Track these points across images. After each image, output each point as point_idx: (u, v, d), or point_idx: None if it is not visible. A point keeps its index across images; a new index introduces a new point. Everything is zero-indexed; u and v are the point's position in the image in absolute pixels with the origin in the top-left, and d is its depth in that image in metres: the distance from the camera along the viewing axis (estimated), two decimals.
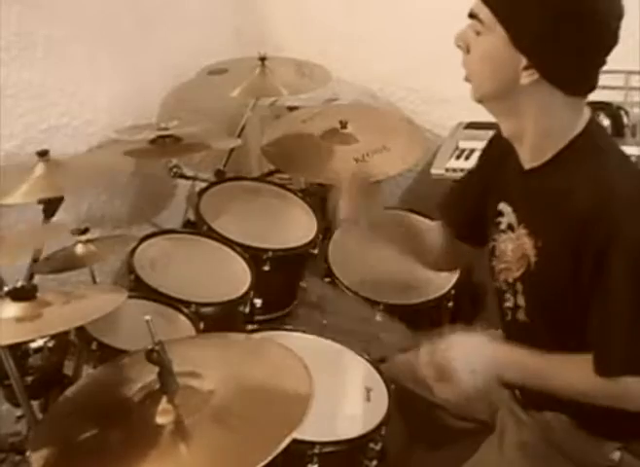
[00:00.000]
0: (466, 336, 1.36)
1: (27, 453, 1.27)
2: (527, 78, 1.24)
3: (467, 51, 1.31)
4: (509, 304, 1.44)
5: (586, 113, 1.32)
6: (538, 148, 1.33)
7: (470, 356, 1.32)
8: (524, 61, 1.24)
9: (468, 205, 1.57)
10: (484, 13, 1.25)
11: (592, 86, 1.29)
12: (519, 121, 1.32)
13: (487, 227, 1.48)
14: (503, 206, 1.42)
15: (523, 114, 1.30)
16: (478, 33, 1.27)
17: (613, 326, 1.26)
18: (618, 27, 1.24)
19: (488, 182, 1.49)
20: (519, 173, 1.38)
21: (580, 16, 1.20)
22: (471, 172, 1.64)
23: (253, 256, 2.17)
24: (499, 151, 1.45)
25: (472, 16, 1.28)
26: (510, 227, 1.40)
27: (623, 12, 1.24)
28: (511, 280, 1.41)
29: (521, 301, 1.40)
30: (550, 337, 1.36)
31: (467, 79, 1.33)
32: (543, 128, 1.30)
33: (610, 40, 1.24)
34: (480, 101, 1.35)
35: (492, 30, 1.25)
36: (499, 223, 1.43)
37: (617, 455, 1.40)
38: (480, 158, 1.60)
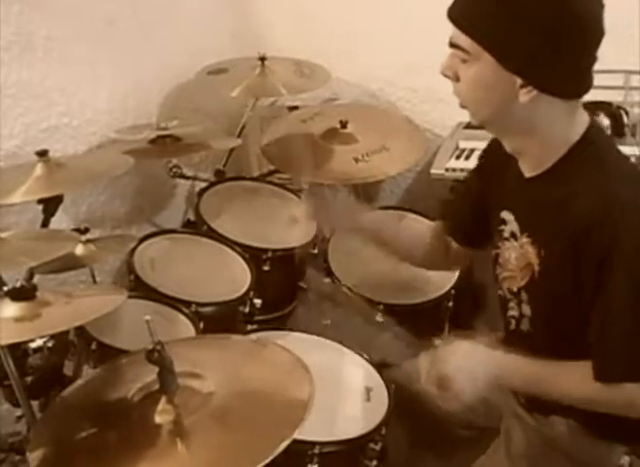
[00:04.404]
0: (465, 344, 1.35)
1: (27, 453, 1.26)
2: (526, 96, 1.22)
3: (456, 79, 1.29)
4: (513, 312, 1.42)
5: (585, 118, 1.31)
6: (540, 158, 1.31)
7: (470, 365, 1.32)
8: (519, 81, 1.22)
9: (466, 212, 1.57)
10: (466, 42, 1.23)
11: (590, 83, 1.27)
12: (523, 136, 1.30)
13: (491, 234, 1.46)
14: (505, 214, 1.40)
15: (526, 129, 1.28)
16: (464, 61, 1.26)
17: (613, 332, 1.25)
18: (602, 19, 1.21)
19: (489, 189, 1.48)
20: (520, 181, 1.36)
21: (562, 22, 1.18)
22: (468, 179, 1.62)
23: (253, 256, 2.17)
24: (498, 157, 1.43)
25: (453, 45, 1.27)
26: (513, 235, 1.38)
27: (603, 1, 1.21)
28: (515, 289, 1.39)
29: (527, 310, 1.39)
30: (553, 346, 1.34)
31: (462, 106, 1.32)
32: (545, 139, 1.29)
33: (597, 34, 1.22)
34: (480, 126, 1.34)
35: (478, 57, 1.23)
36: (502, 231, 1.41)
37: (625, 460, 1.40)
38: (479, 163, 1.58)
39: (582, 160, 1.27)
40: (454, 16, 1.27)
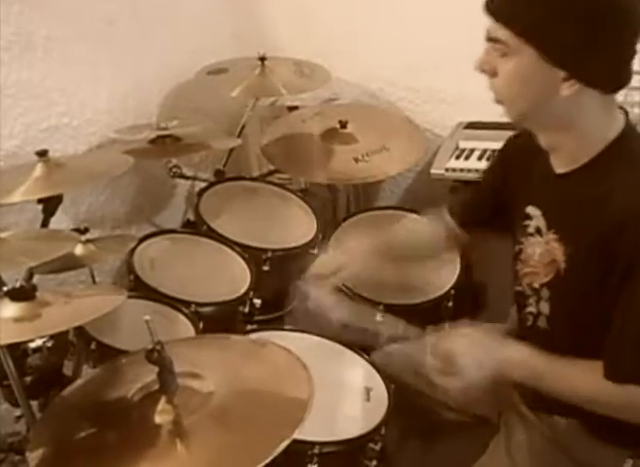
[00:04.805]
0: (474, 329, 1.35)
1: (27, 453, 1.26)
2: (568, 89, 1.20)
3: (493, 74, 1.25)
4: (531, 309, 1.41)
5: (621, 115, 1.29)
6: (575, 153, 1.28)
7: (476, 350, 1.31)
8: (562, 74, 1.19)
9: (482, 206, 1.56)
10: (507, 35, 1.20)
11: (629, 76, 1.24)
12: (560, 131, 1.28)
13: (514, 230, 1.44)
14: (531, 209, 1.38)
15: (564, 124, 1.26)
16: (503, 55, 1.22)
17: (631, 331, 1.23)
18: (636, 9, 1.18)
19: (512, 184, 1.46)
20: (550, 177, 1.34)
21: (607, 11, 1.16)
22: (486, 172, 1.61)
23: (253, 256, 2.16)
24: (524, 151, 1.41)
25: (491, 39, 1.23)
26: (538, 231, 1.36)
27: None
28: (537, 285, 1.37)
29: (545, 308, 1.37)
30: (569, 345, 1.32)
31: (498, 101, 1.28)
32: (583, 134, 1.26)
33: (635, 25, 1.19)
34: (517, 121, 1.32)
35: (520, 50, 1.20)
36: (526, 226, 1.39)
37: (629, 464, 1.38)
38: (499, 157, 1.56)
39: (620, 156, 1.25)
40: (493, 8, 1.22)
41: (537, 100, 1.25)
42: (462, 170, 2.35)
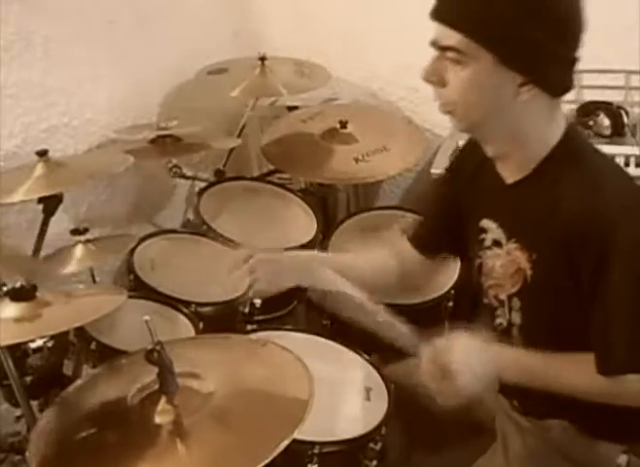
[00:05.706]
0: (467, 337, 1.34)
1: (27, 453, 1.26)
2: (526, 94, 1.19)
3: (442, 84, 1.23)
4: (501, 320, 1.41)
5: (562, 120, 1.28)
6: (522, 161, 1.28)
7: (471, 357, 1.31)
8: (519, 79, 1.18)
9: (441, 226, 1.53)
10: (461, 42, 1.17)
11: (573, 80, 1.24)
12: (508, 139, 1.27)
13: (469, 244, 1.44)
14: (485, 223, 1.38)
15: (513, 131, 1.25)
16: (456, 63, 1.19)
17: (614, 326, 1.24)
18: (583, 12, 1.19)
19: (463, 196, 1.44)
20: (501, 188, 1.33)
21: (562, 11, 1.16)
22: (438, 188, 1.59)
23: None
24: (472, 164, 1.41)
25: (442, 47, 1.21)
26: (496, 243, 1.36)
27: None
28: (503, 297, 1.38)
29: (517, 318, 1.38)
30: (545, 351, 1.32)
31: (447, 112, 1.26)
32: (529, 141, 1.26)
33: (582, 28, 1.19)
34: (467, 131, 1.31)
35: (476, 57, 1.17)
36: (483, 240, 1.39)
37: (623, 459, 1.39)
38: (452, 170, 1.53)
39: (564, 160, 1.25)
40: (444, 15, 1.20)
41: (492, 108, 1.23)
42: None
